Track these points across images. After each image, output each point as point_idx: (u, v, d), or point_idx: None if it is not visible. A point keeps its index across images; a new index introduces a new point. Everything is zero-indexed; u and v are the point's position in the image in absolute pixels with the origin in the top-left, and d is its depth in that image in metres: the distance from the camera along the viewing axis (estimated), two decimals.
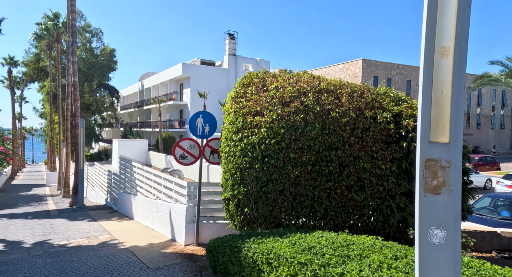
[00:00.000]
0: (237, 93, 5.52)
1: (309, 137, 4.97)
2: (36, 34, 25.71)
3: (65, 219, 10.37)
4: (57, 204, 16.26)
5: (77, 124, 13.56)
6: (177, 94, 34.42)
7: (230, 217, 5.64)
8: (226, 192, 5.46)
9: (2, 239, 7.79)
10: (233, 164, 5.20)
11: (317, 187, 5.03)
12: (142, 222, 8.87)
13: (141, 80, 44.57)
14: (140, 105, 41.97)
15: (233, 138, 5.25)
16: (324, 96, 5.19)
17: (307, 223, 5.15)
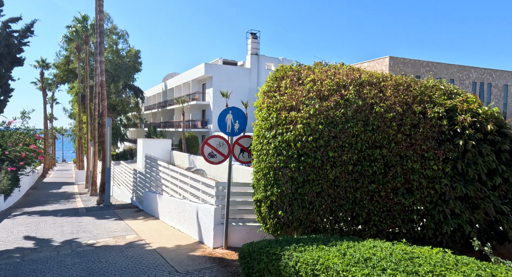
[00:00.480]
0: (270, 87, 5.16)
1: (350, 134, 4.53)
2: (66, 37, 26.60)
3: (92, 217, 10.43)
4: (85, 202, 16.61)
5: (104, 123, 13.73)
6: (199, 94, 34.61)
7: (261, 219, 5.29)
8: (258, 193, 5.12)
9: (33, 236, 7.86)
10: (266, 163, 4.84)
11: (358, 189, 4.58)
12: (168, 222, 8.71)
13: (164, 81, 45.32)
14: (164, 105, 42.67)
15: (266, 135, 4.90)
16: (367, 89, 4.73)
17: (347, 229, 4.71)
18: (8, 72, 13.40)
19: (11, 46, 13.32)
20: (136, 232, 7.88)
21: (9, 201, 15.38)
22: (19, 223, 9.75)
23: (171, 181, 9.12)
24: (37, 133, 19.61)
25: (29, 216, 11.17)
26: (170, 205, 8.56)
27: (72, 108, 40.05)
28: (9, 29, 13.65)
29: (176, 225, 8.07)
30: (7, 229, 8.77)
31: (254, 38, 34.11)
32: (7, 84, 13.46)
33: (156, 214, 9.98)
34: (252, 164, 5.33)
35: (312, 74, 5.02)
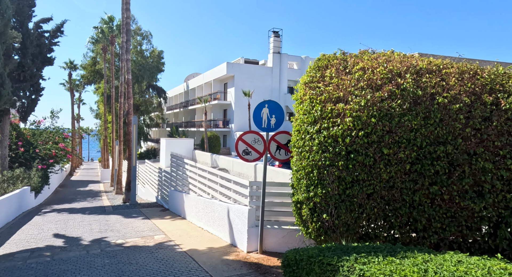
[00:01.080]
0: (312, 77, 4.69)
1: (408, 128, 3.99)
2: (93, 38, 27.22)
3: (119, 215, 10.34)
4: (111, 200, 16.76)
5: (130, 121, 13.73)
6: (221, 93, 34.55)
7: (302, 223, 4.83)
8: (299, 194, 4.67)
9: (62, 234, 7.78)
10: (309, 161, 4.39)
11: (417, 191, 4.03)
12: (196, 222, 8.42)
13: (186, 81, 45.72)
14: (185, 105, 43.03)
15: (308, 130, 4.44)
16: (426, 77, 4.17)
17: (403, 236, 4.16)
18: (39, 71, 13.67)
19: (42, 46, 13.58)
20: (164, 232, 7.63)
21: (39, 198, 15.74)
22: (49, 220, 9.80)
23: (199, 180, 8.83)
24: (65, 131, 20.07)
25: (58, 214, 11.26)
26: (198, 204, 8.26)
27: (97, 109, 41.16)
28: (41, 30, 13.94)
29: (205, 225, 7.76)
30: (37, 226, 8.79)
31: (276, 37, 33.63)
32: (38, 83, 13.74)
33: (182, 213, 9.74)
34: (292, 162, 4.89)
35: (360, 62, 4.51)
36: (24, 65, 12.87)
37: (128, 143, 14.26)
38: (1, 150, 13.26)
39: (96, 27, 25.79)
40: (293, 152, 4.89)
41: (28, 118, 13.87)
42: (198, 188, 8.98)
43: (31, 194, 13.96)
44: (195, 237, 7.07)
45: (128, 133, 14.27)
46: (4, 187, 12.37)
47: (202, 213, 7.98)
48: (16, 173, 13.19)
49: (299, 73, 35.10)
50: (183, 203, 9.69)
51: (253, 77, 32.75)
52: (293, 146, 4.79)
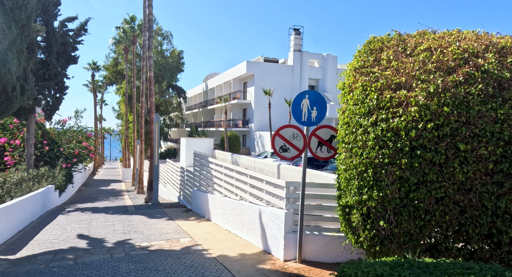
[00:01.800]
0: (364, 62, 4.05)
1: (491, 118, 3.29)
2: (115, 39, 27.48)
3: (142, 216, 10.02)
4: (132, 199, 16.62)
5: (153, 119, 13.48)
6: (240, 93, 34.16)
7: (350, 230, 4.20)
8: (348, 197, 4.05)
9: (86, 235, 7.48)
10: (362, 159, 3.76)
11: (502, 196, 3.32)
12: (222, 225, 7.92)
13: (205, 81, 45.72)
14: (204, 105, 42.98)
15: (361, 122, 3.81)
16: None
17: (483, 250, 3.46)
18: (64, 70, 13.66)
19: (67, 44, 13.56)
20: (190, 235, 7.18)
21: (63, 197, 15.80)
22: (72, 219, 9.60)
23: (225, 179, 8.34)
24: (89, 131, 20.22)
25: (81, 213, 11.09)
26: (224, 206, 7.76)
27: (119, 109, 41.81)
28: (65, 28, 13.95)
29: (232, 229, 7.24)
30: (61, 226, 8.57)
31: (297, 34, 32.90)
32: (63, 81, 13.74)
33: (207, 215, 9.29)
34: (338, 160, 4.27)
35: (425, 42, 3.83)
36: (49, 63, 12.86)
37: (150, 142, 14.02)
38: (27, 149, 13.32)
39: (118, 27, 26.02)
40: (340, 148, 4.27)
41: (53, 116, 13.91)
42: (224, 189, 8.48)
43: (56, 192, 13.97)
44: (223, 241, 6.56)
45: (150, 131, 14.03)
46: (30, 186, 12.37)
47: (229, 215, 7.47)
48: (41, 172, 13.21)
49: (320, 71, 34.20)
50: (207, 204, 9.23)
51: (273, 75, 32.15)
52: (341, 141, 4.17)
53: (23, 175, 12.63)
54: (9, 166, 14.20)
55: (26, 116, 13.10)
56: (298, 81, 33.36)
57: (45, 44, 12.97)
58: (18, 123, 15.76)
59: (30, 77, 6.93)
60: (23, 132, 14.81)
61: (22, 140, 14.77)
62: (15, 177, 12.55)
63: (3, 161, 14.46)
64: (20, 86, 6.58)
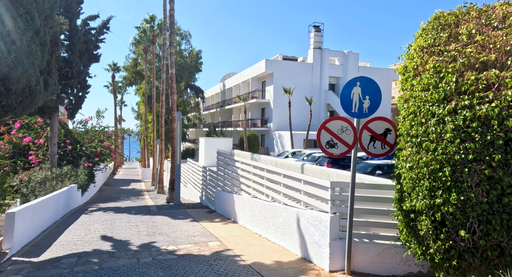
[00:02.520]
0: (434, 39, 3.43)
1: None
2: (135, 39, 27.62)
3: (166, 217, 9.66)
4: (153, 199, 16.43)
5: (174, 118, 13.18)
6: (259, 92, 33.69)
7: (415, 239, 3.59)
8: (414, 200, 3.44)
9: (110, 236, 7.16)
10: (436, 155, 3.15)
11: None
12: (251, 228, 7.42)
13: (222, 81, 45.58)
14: (222, 105, 42.81)
15: (434, 111, 3.20)
16: None
17: None
18: (86, 68, 13.59)
19: (89, 43, 13.48)
20: (218, 239, 6.71)
21: (85, 196, 15.78)
22: (95, 220, 9.36)
23: (254, 179, 7.83)
24: (110, 130, 20.27)
25: (104, 213, 10.88)
26: (253, 208, 7.26)
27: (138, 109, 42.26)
28: (88, 27, 13.89)
29: (263, 232, 6.71)
30: (84, 226, 8.31)
31: (317, 31, 32.11)
32: (85, 80, 13.67)
33: (232, 216, 8.81)
34: (401, 156, 3.67)
35: None
36: (72, 62, 12.79)
37: (172, 140, 13.74)
38: (51, 148, 13.31)
39: (138, 27, 26.12)
40: (401, 143, 3.67)
41: (75, 115, 13.87)
42: (253, 189, 7.98)
43: (78, 192, 13.91)
44: (255, 246, 6.05)
45: (171, 130, 13.75)
46: (53, 185, 12.31)
47: (259, 217, 6.95)
48: (64, 171, 13.16)
49: (341, 69, 33.26)
50: (233, 205, 8.76)
51: (293, 74, 31.50)
52: (405, 134, 3.56)
53: (47, 174, 12.60)
54: (33, 165, 14.28)
55: (49, 115, 13.08)
56: (318, 80, 32.55)
57: (68, 42, 12.92)
58: (42, 122, 15.88)
59: (53, 71, 6.70)
60: (47, 131, 14.88)
61: (46, 139, 14.84)
62: (39, 176, 12.54)
63: (28, 160, 14.56)
64: (43, 81, 6.33)
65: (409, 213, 3.57)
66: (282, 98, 30.70)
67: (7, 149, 14.95)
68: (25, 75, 5.55)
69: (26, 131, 15.78)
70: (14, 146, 15.09)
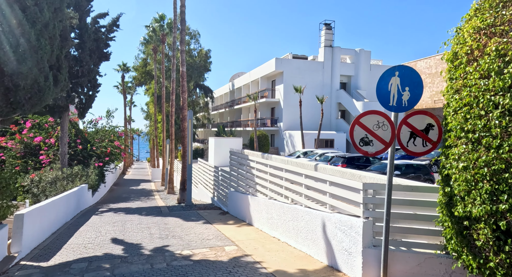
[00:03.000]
0: (494, 18, 2.97)
1: None
2: (144, 39, 27.53)
3: (177, 218, 9.34)
4: (164, 200, 16.18)
5: (185, 116, 12.88)
6: (268, 91, 33.29)
7: (468, 250, 3.14)
8: (469, 205, 2.99)
9: (121, 239, 6.85)
10: (500, 153, 2.70)
11: None
12: (268, 231, 7.02)
13: (231, 81, 45.33)
14: (231, 105, 42.56)
15: (498, 101, 2.76)
16: None
17: None
18: (96, 67, 13.41)
19: (99, 41, 13.30)
20: (234, 243, 6.33)
21: (96, 196, 15.62)
22: (106, 221, 9.09)
23: (271, 180, 7.44)
24: (120, 130, 20.14)
25: (115, 214, 10.63)
26: (271, 210, 6.86)
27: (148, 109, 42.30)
28: (97, 25, 13.71)
29: (282, 236, 6.32)
30: (95, 228, 8.04)
31: (328, 29, 31.55)
32: (95, 79, 13.49)
33: (247, 218, 8.44)
34: (451, 155, 3.22)
35: None
36: (82, 60, 12.61)
37: (183, 140, 13.44)
38: (61, 147, 13.17)
39: (148, 26, 26.01)
40: (451, 139, 3.23)
41: (86, 114, 13.70)
42: (269, 190, 7.58)
43: (89, 192, 13.73)
44: (275, 252, 5.66)
45: (182, 129, 13.46)
46: (64, 185, 12.14)
47: (277, 220, 6.56)
48: (75, 171, 12.99)
49: (352, 67, 32.62)
50: (247, 206, 8.38)
51: (303, 72, 31.01)
52: (457, 129, 3.12)
53: (58, 174, 12.44)
54: (44, 165, 14.16)
55: (60, 114, 12.93)
56: (329, 78, 31.99)
57: (78, 40, 12.75)
58: (52, 122, 15.79)
59: (63, 67, 6.45)
60: (58, 131, 14.76)
61: (57, 138, 14.72)
62: (50, 176, 12.39)
63: (39, 160, 14.46)
64: (53, 76, 6.07)
65: (461, 220, 3.13)
66: (293, 97, 30.25)
67: (18, 149, 14.88)
68: (34, 70, 5.28)
69: (37, 130, 15.71)
70: (25, 146, 15.02)
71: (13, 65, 4.98)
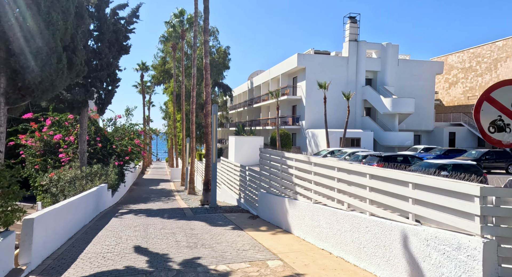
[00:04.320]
0: None
1: None
2: (163, 36, 27.01)
3: (203, 222, 8.41)
4: (185, 201, 15.37)
5: (209, 111, 11.97)
6: (290, 88, 32.10)
7: None
8: None
9: (144, 248, 5.95)
10: None
11: None
12: (313, 242, 5.95)
13: (250, 79, 44.41)
14: (250, 103, 41.63)
15: None
16: None
17: None
18: (116, 60, 12.74)
19: (119, 33, 12.62)
20: (276, 256, 5.30)
21: (116, 197, 15.00)
22: (126, 224, 8.28)
23: (316, 180, 6.35)
24: (140, 128, 19.56)
25: (135, 216, 9.84)
26: (318, 217, 5.79)
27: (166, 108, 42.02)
28: (117, 17, 13.05)
29: (334, 249, 5.23)
30: (115, 233, 7.21)
31: (352, 23, 30.05)
32: (115, 73, 12.84)
33: (283, 224, 7.40)
34: None
35: None
36: (101, 53, 11.95)
37: (206, 137, 12.55)
38: (80, 145, 12.56)
39: (167, 22, 25.44)
40: None
41: (105, 110, 13.06)
42: (314, 192, 6.50)
43: (108, 192, 13.08)
44: (332, 270, 4.58)
45: (205, 125, 12.57)
46: (83, 184, 11.49)
47: (326, 229, 5.47)
48: (94, 169, 12.35)
49: (379, 62, 30.95)
50: (284, 211, 7.33)
51: (326, 68, 29.64)
52: None
53: (77, 173, 11.82)
54: (63, 163, 13.64)
55: (79, 110, 12.32)
56: (354, 74, 30.46)
57: (97, 33, 12.10)
58: (72, 119, 15.30)
59: (79, 48, 5.65)
60: (77, 128, 14.22)
61: (76, 136, 14.18)
62: (69, 175, 11.78)
63: (59, 158, 13.95)
64: (67, 59, 5.25)
65: None
66: (315, 94, 28.93)
67: (38, 147, 14.45)
68: (45, 49, 4.46)
69: (57, 128, 15.26)
70: (45, 144, 14.57)
71: (19, 43, 4.17)
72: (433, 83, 32.25)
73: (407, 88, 31.26)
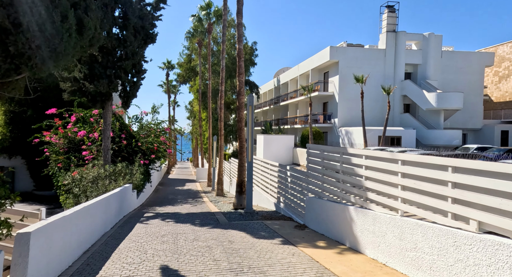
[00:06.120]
0: None
1: None
2: (189, 32, 26.11)
3: (242, 232, 6.95)
4: (215, 203, 14.05)
5: (242, 104, 10.57)
6: (320, 84, 30.18)
7: None
8: None
9: (175, 270, 4.56)
10: None
11: None
12: (404, 271, 4.31)
13: (276, 76, 42.85)
14: (276, 101, 40.05)
15: None
16: None
17: None
18: (142, 50, 11.65)
19: (145, 19, 11.54)
20: None
21: (141, 198, 13.96)
22: (152, 233, 6.98)
23: (405, 184, 4.69)
24: (166, 125, 18.57)
25: (162, 221, 8.57)
26: (412, 236, 4.15)
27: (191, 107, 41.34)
28: (143, 2, 11.98)
29: None
30: (139, 246, 5.90)
31: (391, 12, 27.69)
32: (140, 63, 11.77)
33: (347, 240, 5.79)
34: None
35: None
36: (126, 40, 10.90)
37: (239, 132, 11.15)
38: (104, 141, 11.57)
39: (194, 15, 24.44)
40: None
41: (130, 104, 12.01)
42: (402, 201, 4.84)
43: (133, 193, 12.00)
44: None
45: (239, 120, 11.19)
46: (106, 184, 10.44)
47: (432, 257, 3.82)
48: (118, 168, 11.30)
49: (419, 54, 28.35)
50: (349, 223, 5.73)
51: (361, 62, 27.48)
52: None
53: (100, 171, 10.80)
54: (87, 162, 12.75)
55: (102, 103, 11.33)
56: (392, 68, 28.05)
57: (122, 20, 11.05)
58: (98, 116, 14.47)
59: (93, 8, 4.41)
60: (101, 124, 13.31)
61: (100, 132, 13.26)
62: (91, 174, 10.79)
63: (82, 156, 13.10)
64: (76, 19, 3.99)
65: None
66: (349, 90, 26.87)
67: (62, 144, 13.69)
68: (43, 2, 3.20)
69: (81, 125, 14.48)
70: (69, 141, 13.80)
71: None
72: (481, 76, 29.16)
73: (451, 83, 28.43)
